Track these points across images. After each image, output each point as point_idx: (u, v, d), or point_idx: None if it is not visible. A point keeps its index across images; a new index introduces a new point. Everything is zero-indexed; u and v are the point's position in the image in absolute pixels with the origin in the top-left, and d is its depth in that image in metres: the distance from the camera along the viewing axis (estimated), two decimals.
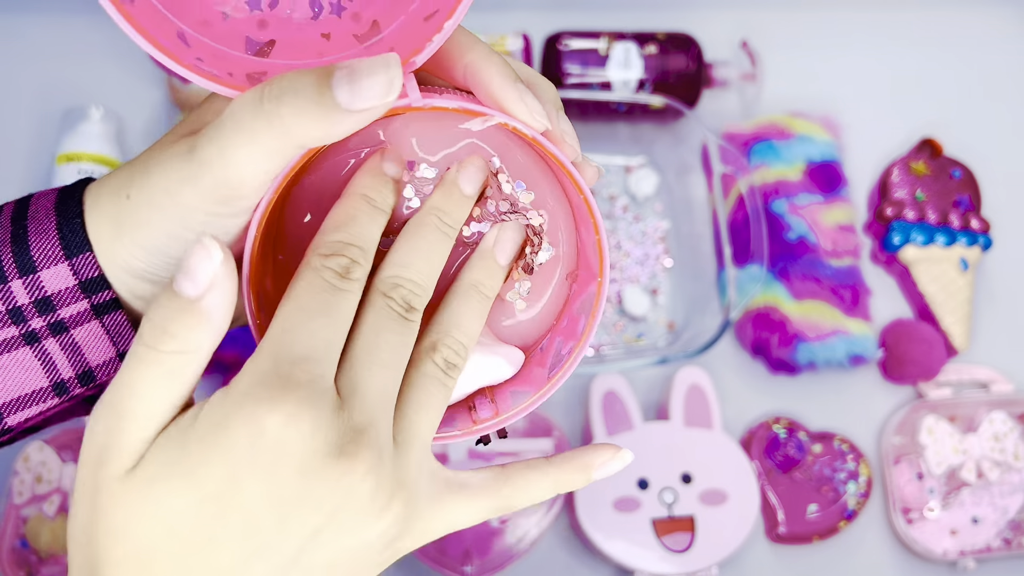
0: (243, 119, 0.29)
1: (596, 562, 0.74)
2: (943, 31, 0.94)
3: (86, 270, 0.33)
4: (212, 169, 0.30)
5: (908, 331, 0.79)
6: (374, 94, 0.28)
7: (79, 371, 0.35)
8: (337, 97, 0.27)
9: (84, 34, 0.89)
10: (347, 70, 0.28)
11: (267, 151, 0.29)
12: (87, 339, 0.34)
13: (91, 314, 0.34)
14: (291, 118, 0.28)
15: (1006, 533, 0.75)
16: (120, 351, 0.35)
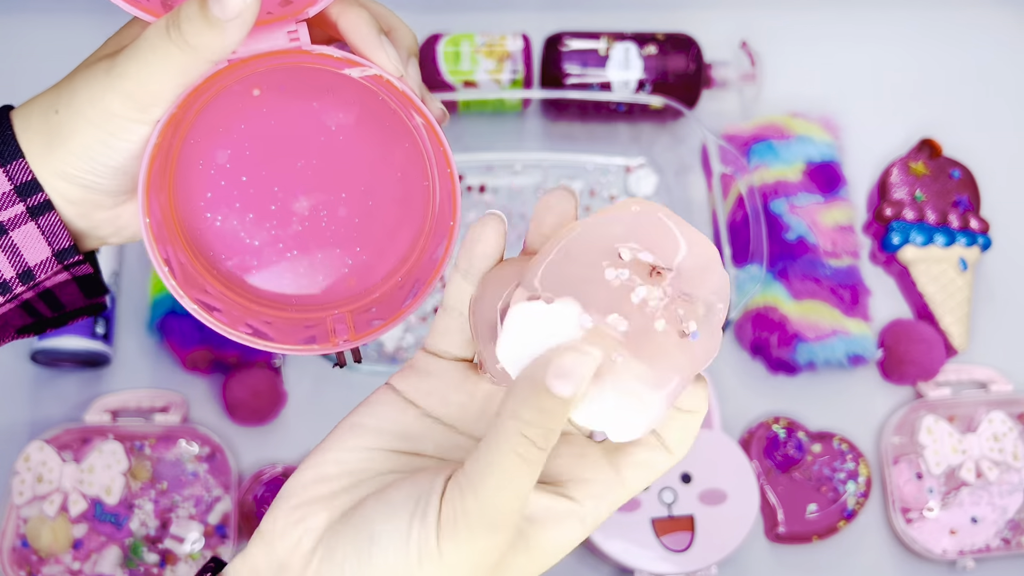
0: (156, 42, 0.35)
1: (596, 561, 0.74)
2: (942, 31, 0.94)
3: (19, 175, 0.37)
4: (132, 80, 0.35)
5: (907, 331, 0.79)
6: (235, 6, 0.33)
7: (19, 271, 0.38)
8: (212, 11, 0.33)
9: (85, 34, 0.89)
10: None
11: (178, 64, 0.35)
12: (24, 240, 0.38)
13: (27, 216, 0.37)
14: (191, 36, 0.34)
15: (1005, 533, 0.76)
16: (55, 250, 0.39)
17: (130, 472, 0.73)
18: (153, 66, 0.35)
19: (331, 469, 0.34)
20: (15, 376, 0.77)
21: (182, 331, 0.74)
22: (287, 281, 0.41)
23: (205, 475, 0.74)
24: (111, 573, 0.71)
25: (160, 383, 0.77)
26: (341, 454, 0.35)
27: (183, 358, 0.75)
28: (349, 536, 0.32)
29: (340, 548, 0.32)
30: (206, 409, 0.77)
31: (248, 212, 0.40)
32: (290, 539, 0.33)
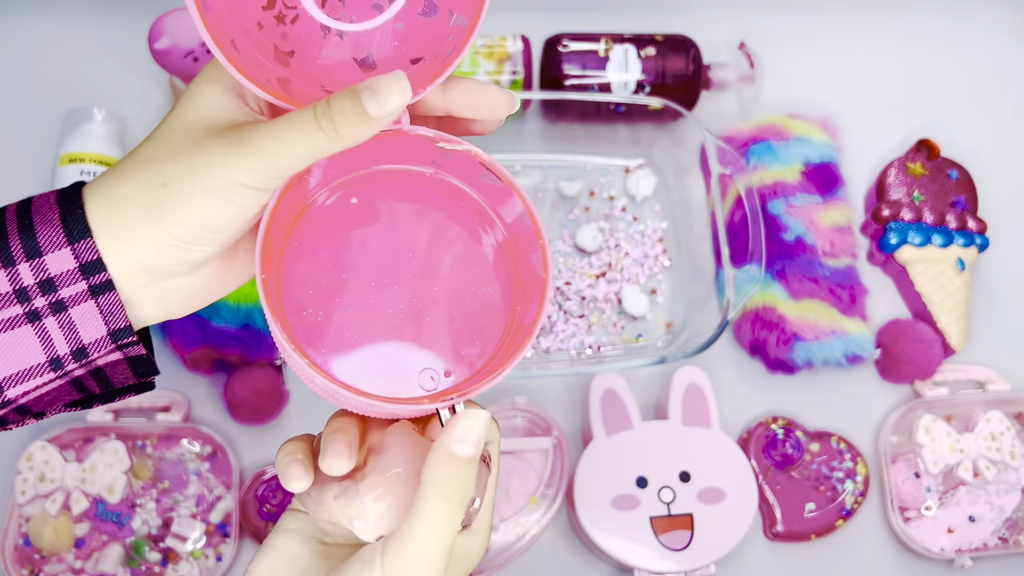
0: (304, 127, 0.36)
1: (595, 560, 0.75)
2: (940, 33, 0.94)
3: (86, 254, 0.38)
4: (267, 159, 0.37)
5: (905, 331, 0.80)
6: (394, 103, 0.36)
7: (74, 348, 0.39)
8: (368, 109, 0.36)
9: (87, 35, 0.89)
10: (370, 88, 0.36)
11: (320, 148, 0.37)
12: (82, 318, 0.38)
13: (88, 294, 0.38)
14: (342, 127, 0.36)
15: (1002, 531, 0.76)
16: (111, 329, 0.39)
17: (132, 471, 0.73)
18: (295, 148, 0.37)
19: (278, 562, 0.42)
20: None
21: (184, 331, 0.74)
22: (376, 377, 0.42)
23: (207, 474, 0.74)
24: (113, 572, 0.71)
25: (162, 382, 0.78)
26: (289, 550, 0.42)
27: (185, 357, 0.75)
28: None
29: None
30: (208, 408, 0.77)
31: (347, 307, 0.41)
32: None
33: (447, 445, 0.39)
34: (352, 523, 0.41)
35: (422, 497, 0.38)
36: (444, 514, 0.38)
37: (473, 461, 0.39)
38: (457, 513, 0.39)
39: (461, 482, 0.39)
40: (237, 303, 0.76)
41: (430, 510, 0.38)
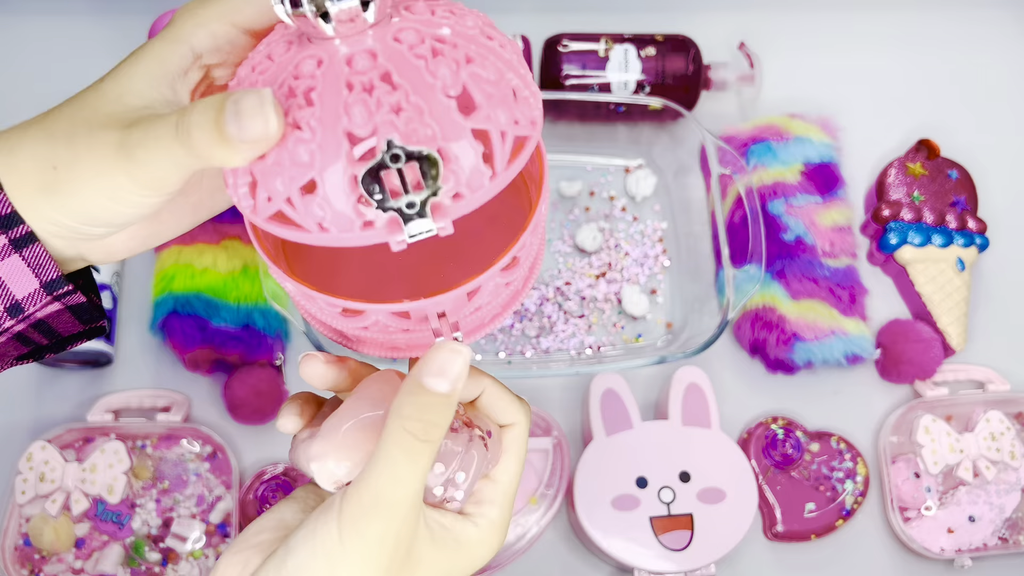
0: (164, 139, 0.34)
1: (595, 560, 0.75)
2: (940, 32, 0.94)
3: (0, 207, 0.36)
4: (141, 167, 0.34)
5: (905, 331, 0.80)
6: (255, 131, 0.32)
7: (7, 304, 0.38)
8: (228, 129, 0.32)
9: (87, 35, 0.89)
10: (234, 109, 0.32)
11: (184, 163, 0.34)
12: (10, 273, 0.37)
13: (10, 248, 0.37)
14: (199, 145, 0.33)
15: (1002, 531, 0.76)
16: (43, 282, 0.38)
17: (132, 471, 0.73)
18: (161, 160, 0.34)
19: (269, 523, 0.39)
20: (18, 376, 0.77)
21: (184, 331, 0.74)
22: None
23: (207, 474, 0.74)
24: (113, 572, 0.71)
25: (162, 383, 0.78)
26: (279, 512, 0.40)
27: (185, 358, 0.75)
28: (272, 558, 0.37)
29: (263, 568, 0.37)
30: (208, 408, 0.77)
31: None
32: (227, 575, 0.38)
33: (419, 376, 0.35)
34: (309, 467, 0.38)
35: (384, 432, 0.35)
36: (404, 450, 0.35)
37: (446, 399, 0.35)
38: (420, 453, 0.35)
39: (428, 418, 0.35)
40: (237, 303, 0.76)
41: (389, 445, 0.35)
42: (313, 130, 0.32)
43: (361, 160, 0.32)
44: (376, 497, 0.35)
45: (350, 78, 0.32)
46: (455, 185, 0.32)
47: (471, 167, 0.32)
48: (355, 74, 0.32)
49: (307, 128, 0.32)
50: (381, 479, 0.35)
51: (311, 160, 0.32)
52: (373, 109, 0.31)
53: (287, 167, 0.32)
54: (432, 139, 0.31)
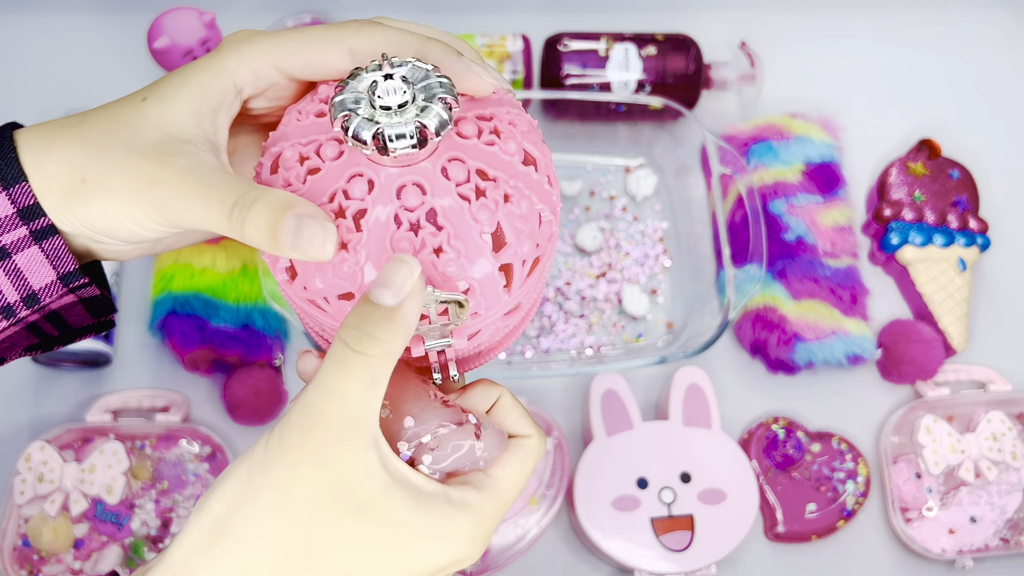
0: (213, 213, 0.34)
1: (595, 561, 0.75)
2: (941, 32, 0.94)
3: (22, 199, 0.36)
4: (174, 215, 0.35)
5: (906, 331, 0.80)
6: (311, 250, 0.33)
7: (24, 294, 0.38)
8: (283, 239, 0.33)
9: (86, 35, 0.89)
10: (295, 222, 0.33)
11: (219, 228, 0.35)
12: (28, 264, 0.38)
13: (30, 239, 0.37)
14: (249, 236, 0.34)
15: (1004, 532, 0.76)
16: (59, 274, 0.38)
17: (131, 472, 0.73)
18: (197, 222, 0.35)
19: None
20: (16, 376, 0.77)
21: (183, 331, 0.74)
22: None
23: (206, 475, 0.74)
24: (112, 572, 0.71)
25: (161, 383, 0.78)
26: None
27: (184, 358, 0.75)
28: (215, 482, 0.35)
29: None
30: (207, 409, 0.77)
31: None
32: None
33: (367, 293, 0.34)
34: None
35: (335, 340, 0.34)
36: (336, 359, 0.33)
37: (390, 312, 0.33)
38: (353, 364, 0.33)
39: (365, 328, 0.33)
40: (236, 303, 0.75)
41: (325, 358, 0.33)
42: (359, 255, 0.34)
43: None
44: (304, 407, 0.33)
45: (399, 212, 0.34)
46: (475, 306, 0.36)
47: (492, 292, 0.36)
48: (404, 209, 0.34)
49: (353, 251, 0.34)
50: (312, 389, 0.33)
51: (353, 277, 0.34)
52: (417, 247, 0.34)
53: (329, 275, 0.34)
54: (465, 276, 0.35)
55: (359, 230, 0.34)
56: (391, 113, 0.33)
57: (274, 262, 0.36)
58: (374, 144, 0.33)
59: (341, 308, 0.35)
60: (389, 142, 0.33)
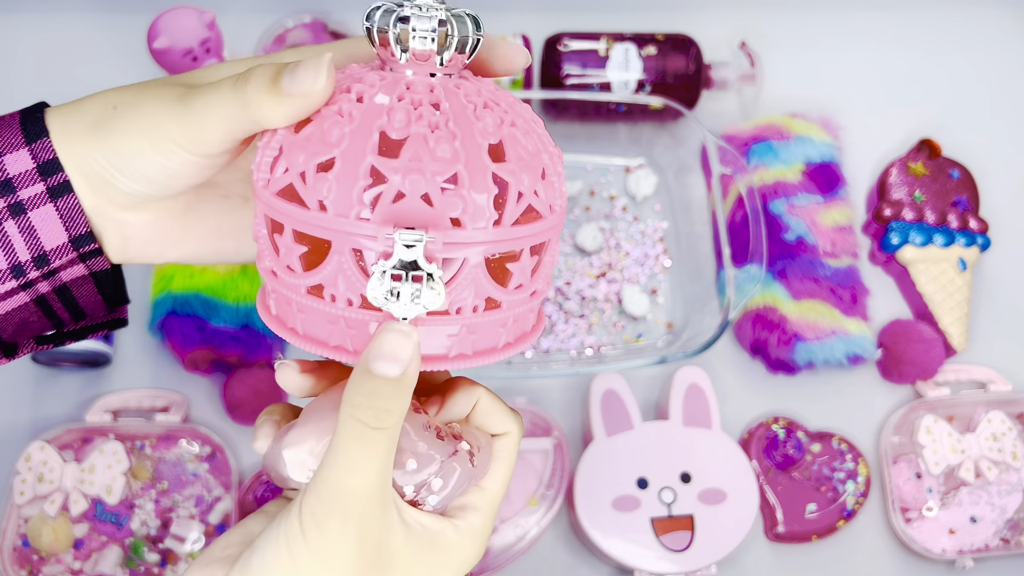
0: (223, 88, 0.36)
1: (596, 561, 0.74)
2: (941, 32, 0.94)
3: (42, 153, 0.38)
4: (193, 116, 0.36)
5: (906, 331, 0.80)
6: (306, 84, 0.34)
7: (35, 254, 0.39)
8: (281, 82, 0.34)
9: (86, 35, 0.89)
10: (292, 67, 0.35)
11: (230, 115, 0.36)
12: (42, 222, 0.38)
13: (46, 196, 0.38)
14: (251, 93, 0.35)
15: (1004, 532, 0.76)
16: (72, 236, 0.39)
17: (131, 472, 0.73)
18: (211, 109, 0.36)
19: (237, 537, 0.38)
20: (16, 376, 0.77)
21: (183, 331, 0.74)
22: None
23: (206, 475, 0.74)
24: (112, 573, 0.71)
25: (161, 383, 0.77)
26: (248, 526, 0.38)
27: (183, 358, 0.75)
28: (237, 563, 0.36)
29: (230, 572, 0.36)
30: (207, 409, 0.77)
31: None
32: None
33: (367, 361, 0.34)
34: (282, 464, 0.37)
35: (338, 423, 0.34)
36: (357, 438, 0.33)
37: (398, 383, 0.34)
38: (375, 441, 0.34)
39: (380, 404, 0.34)
40: (236, 303, 0.75)
41: (342, 435, 0.34)
42: (352, 119, 0.34)
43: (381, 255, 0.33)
44: (334, 488, 0.34)
45: (403, 93, 0.34)
46: (459, 212, 0.33)
47: (479, 204, 0.34)
48: (409, 91, 0.35)
49: (347, 116, 0.34)
50: (337, 469, 0.34)
51: (338, 141, 0.33)
52: (413, 120, 0.33)
53: (314, 143, 0.34)
54: (454, 161, 0.33)
55: (360, 101, 0.34)
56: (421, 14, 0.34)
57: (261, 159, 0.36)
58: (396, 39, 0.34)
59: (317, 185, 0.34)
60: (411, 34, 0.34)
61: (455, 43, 0.35)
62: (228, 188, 0.43)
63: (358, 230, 0.33)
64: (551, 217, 0.36)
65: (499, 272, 0.36)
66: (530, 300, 0.37)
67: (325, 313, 0.35)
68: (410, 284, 0.33)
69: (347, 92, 0.35)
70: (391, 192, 0.33)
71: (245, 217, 0.43)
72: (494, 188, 0.34)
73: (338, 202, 0.33)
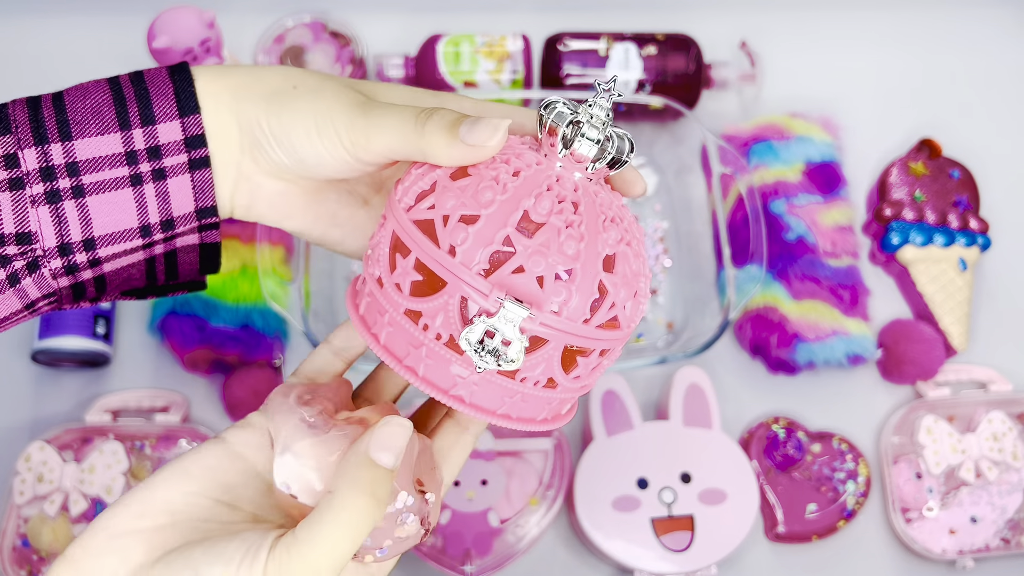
0: (405, 120, 0.39)
1: (596, 561, 0.74)
2: (942, 31, 0.94)
3: (192, 128, 0.40)
4: (369, 125, 0.39)
5: (907, 331, 0.79)
6: (480, 137, 0.38)
7: (164, 218, 0.41)
8: (460, 129, 0.38)
9: (86, 35, 0.89)
10: (473, 119, 0.38)
11: (400, 139, 0.39)
12: (177, 190, 0.41)
13: (186, 167, 0.41)
14: (429, 132, 0.39)
15: (1004, 532, 0.76)
16: (198, 207, 0.42)
17: (131, 472, 0.73)
18: (388, 126, 0.39)
19: (155, 507, 0.37)
20: (16, 376, 0.77)
21: (182, 331, 0.74)
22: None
23: None
24: None
25: (160, 383, 0.77)
26: (167, 494, 0.38)
27: (183, 358, 0.75)
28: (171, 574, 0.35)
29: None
30: (206, 409, 0.77)
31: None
32: (103, 567, 0.36)
33: (367, 449, 0.36)
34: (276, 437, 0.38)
35: (336, 494, 0.35)
36: (352, 524, 0.35)
37: (389, 475, 0.36)
38: (363, 533, 0.35)
39: (379, 494, 0.36)
40: (236, 303, 0.75)
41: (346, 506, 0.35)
42: (506, 190, 0.38)
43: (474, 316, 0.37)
44: (309, 568, 0.34)
45: (550, 184, 0.38)
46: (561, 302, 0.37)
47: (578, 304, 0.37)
48: (557, 185, 0.39)
49: (501, 184, 0.38)
50: (321, 549, 0.35)
51: (487, 204, 0.37)
52: (554, 211, 0.38)
53: (467, 196, 0.38)
54: (575, 259, 0.37)
55: (516, 176, 0.38)
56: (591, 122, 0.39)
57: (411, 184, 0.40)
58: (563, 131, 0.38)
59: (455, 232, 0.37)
60: (578, 137, 0.38)
61: (609, 158, 0.39)
62: (354, 186, 0.46)
63: (475, 283, 0.37)
64: (626, 332, 0.40)
65: (567, 359, 0.39)
66: (578, 391, 0.41)
67: (413, 337, 0.39)
68: (498, 344, 0.37)
69: (506, 163, 0.39)
70: (515, 263, 0.37)
71: (360, 216, 0.46)
72: (596, 293, 0.38)
73: (468, 253, 0.37)
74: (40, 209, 0.39)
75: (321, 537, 0.35)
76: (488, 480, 0.72)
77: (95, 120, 0.40)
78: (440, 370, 0.39)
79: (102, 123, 0.40)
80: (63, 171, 0.39)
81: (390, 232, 0.40)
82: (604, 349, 0.40)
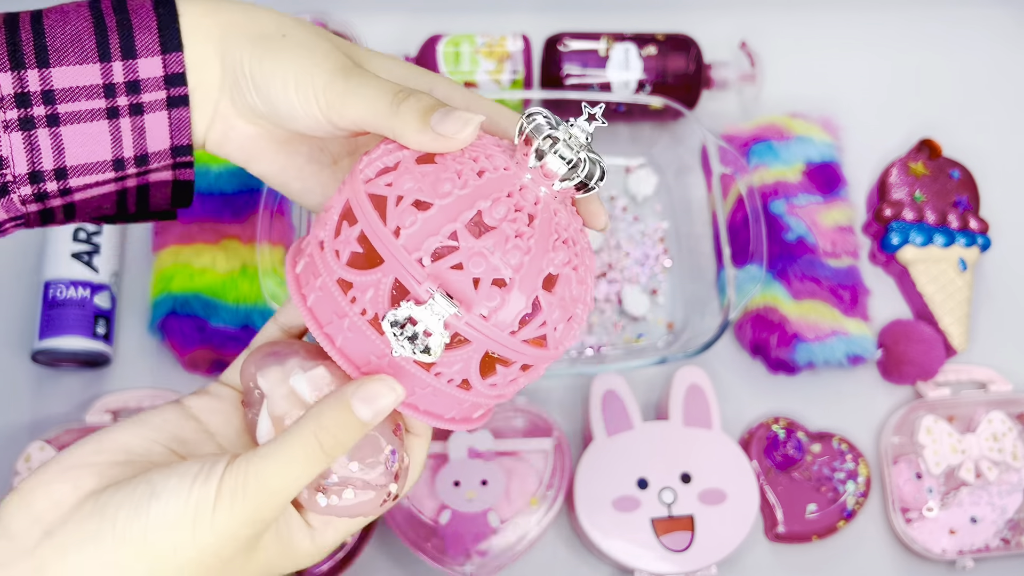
0: (383, 94, 0.39)
1: (596, 561, 0.74)
2: (942, 31, 0.94)
3: (174, 66, 0.40)
4: (347, 91, 0.39)
5: (907, 331, 0.80)
6: (450, 129, 0.38)
7: (138, 153, 0.41)
8: (431, 118, 0.38)
9: None
10: (446, 109, 0.38)
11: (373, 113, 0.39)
12: (153, 126, 0.41)
13: (164, 103, 0.40)
14: (402, 115, 0.38)
15: (1004, 533, 0.76)
16: (174, 144, 0.42)
17: None
18: (365, 96, 0.39)
19: (112, 445, 0.38)
20: (16, 376, 0.77)
21: (183, 331, 0.74)
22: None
23: None
24: None
25: (160, 383, 0.77)
26: (123, 436, 0.39)
27: (184, 358, 0.75)
28: (126, 492, 0.36)
29: (114, 501, 0.35)
30: None
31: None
32: (53, 494, 0.36)
33: (349, 395, 0.37)
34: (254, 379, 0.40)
35: (297, 428, 0.37)
36: (307, 455, 0.36)
37: (363, 427, 0.37)
38: (318, 463, 0.37)
39: (341, 436, 0.37)
40: (236, 304, 0.75)
41: (295, 443, 0.36)
42: (466, 186, 0.38)
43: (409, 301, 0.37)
44: (262, 484, 0.36)
45: (512, 191, 0.39)
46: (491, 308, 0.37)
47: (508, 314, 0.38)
48: (519, 193, 0.39)
49: (463, 180, 0.38)
50: (272, 469, 0.36)
51: (444, 195, 0.37)
52: (509, 217, 0.38)
53: (425, 183, 0.38)
54: (515, 270, 0.37)
55: (480, 176, 0.38)
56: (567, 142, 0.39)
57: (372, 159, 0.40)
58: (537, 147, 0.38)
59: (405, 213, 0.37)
60: (551, 152, 0.39)
61: (578, 181, 0.40)
62: (327, 143, 0.46)
63: (411, 269, 0.36)
64: (553, 353, 0.40)
65: (487, 365, 0.39)
66: (493, 399, 0.41)
67: (339, 307, 0.38)
68: (419, 333, 0.36)
69: (474, 160, 0.39)
70: (455, 259, 0.37)
71: (325, 174, 0.46)
72: (529, 308, 0.38)
73: (412, 238, 0.37)
74: (13, 135, 0.39)
75: (277, 457, 0.36)
76: (488, 480, 0.72)
77: (74, 48, 0.39)
78: (358, 344, 0.39)
79: (81, 52, 0.39)
80: (38, 98, 0.39)
81: (344, 200, 0.40)
82: (526, 364, 0.40)
